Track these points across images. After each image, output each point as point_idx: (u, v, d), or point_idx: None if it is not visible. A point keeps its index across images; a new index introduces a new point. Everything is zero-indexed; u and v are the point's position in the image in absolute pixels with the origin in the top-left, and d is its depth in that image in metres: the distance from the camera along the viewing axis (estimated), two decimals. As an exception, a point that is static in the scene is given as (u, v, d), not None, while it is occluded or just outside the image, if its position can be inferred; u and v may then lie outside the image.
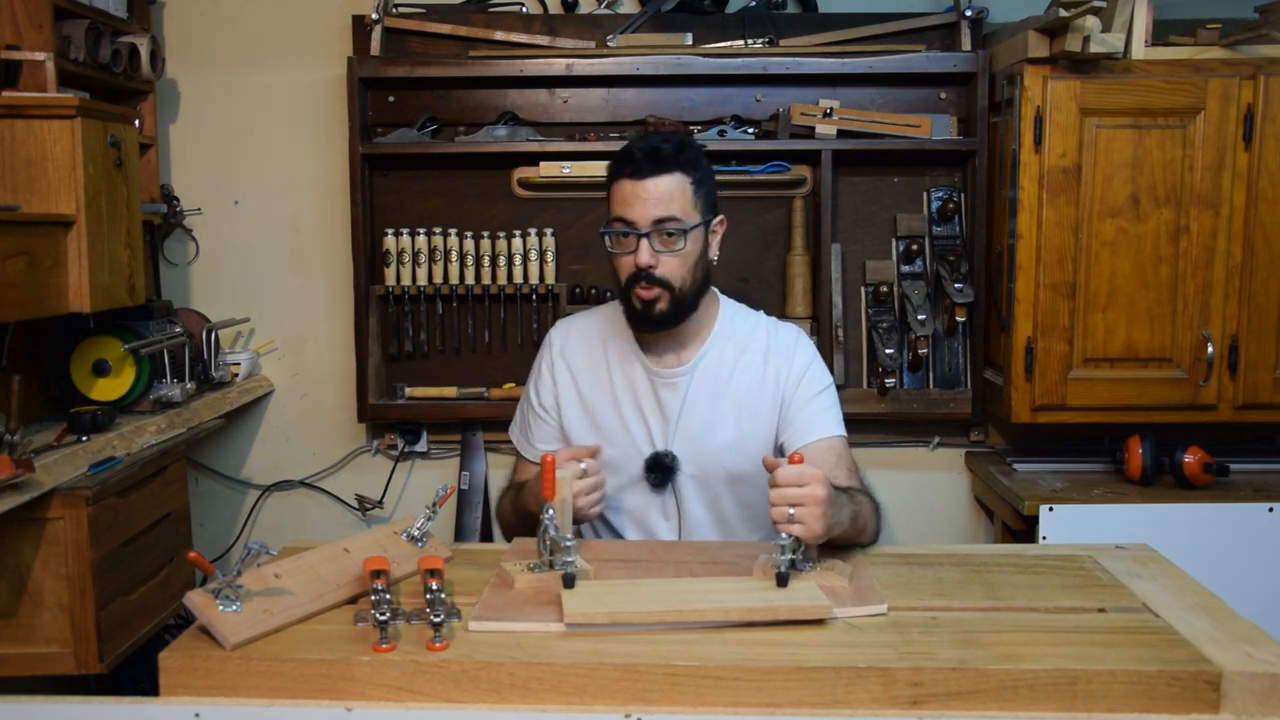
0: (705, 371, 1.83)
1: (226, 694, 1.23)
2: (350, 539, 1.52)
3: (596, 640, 1.27)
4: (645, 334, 1.82)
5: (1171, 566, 1.55)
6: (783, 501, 1.41)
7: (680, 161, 1.72)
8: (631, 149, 1.73)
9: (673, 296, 1.74)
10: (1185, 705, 1.18)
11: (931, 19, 2.73)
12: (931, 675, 1.18)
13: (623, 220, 1.73)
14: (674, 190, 1.71)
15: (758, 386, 1.83)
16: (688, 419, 1.81)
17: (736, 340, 1.85)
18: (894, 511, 2.90)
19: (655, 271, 1.72)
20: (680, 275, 1.74)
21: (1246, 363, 2.44)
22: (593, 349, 1.88)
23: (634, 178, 1.71)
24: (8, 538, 1.96)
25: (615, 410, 1.84)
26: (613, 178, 1.75)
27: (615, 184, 1.74)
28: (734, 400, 1.82)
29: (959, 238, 2.72)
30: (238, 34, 2.82)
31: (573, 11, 2.78)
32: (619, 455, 1.83)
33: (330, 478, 2.93)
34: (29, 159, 2.04)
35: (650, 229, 1.71)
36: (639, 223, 1.71)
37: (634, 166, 1.71)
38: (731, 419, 1.81)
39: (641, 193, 1.70)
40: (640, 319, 1.77)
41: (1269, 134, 2.38)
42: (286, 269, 2.88)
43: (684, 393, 1.82)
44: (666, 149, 1.72)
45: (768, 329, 1.88)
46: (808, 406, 1.82)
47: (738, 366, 1.83)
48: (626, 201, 1.72)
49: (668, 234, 1.71)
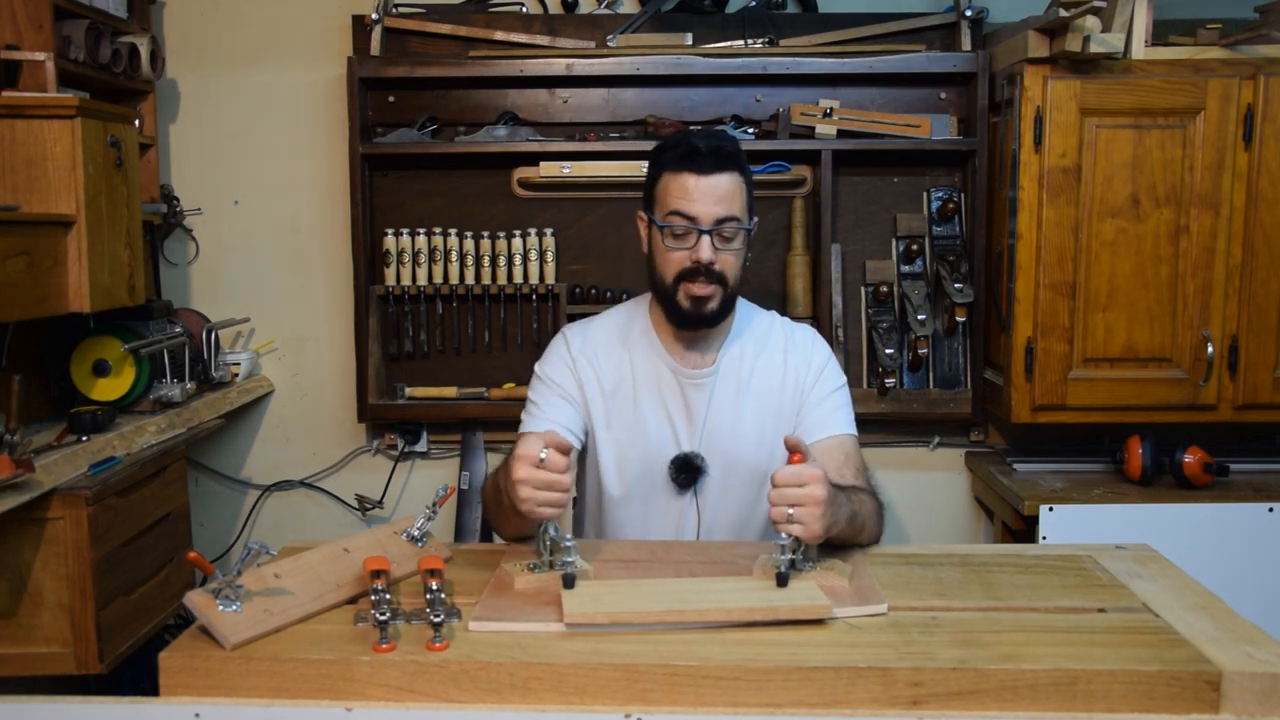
0: (728, 371, 1.82)
1: (226, 694, 1.23)
2: (350, 539, 1.51)
3: (596, 640, 1.27)
4: (687, 331, 1.79)
5: (1171, 566, 1.55)
6: (782, 502, 1.41)
7: (739, 162, 1.73)
8: (693, 144, 1.70)
9: (724, 294, 1.73)
10: (1185, 705, 1.18)
11: (931, 19, 2.73)
12: (931, 675, 1.18)
13: (683, 215, 1.70)
14: (734, 190, 1.71)
15: (779, 384, 1.82)
16: (714, 419, 1.80)
17: (755, 339, 1.85)
18: (894, 511, 2.90)
19: (715, 266, 1.70)
20: (734, 274, 1.74)
21: (1246, 363, 2.44)
22: (614, 350, 1.84)
23: (699, 173, 1.69)
24: (8, 538, 1.96)
25: (639, 412, 1.81)
26: (669, 169, 1.72)
27: (674, 177, 1.71)
28: (756, 399, 1.81)
29: (959, 238, 2.72)
30: (238, 34, 2.82)
31: (573, 11, 2.78)
32: (643, 456, 1.80)
33: (330, 478, 2.93)
34: (29, 159, 2.04)
35: (713, 226, 1.69)
36: (701, 219, 1.69)
37: (699, 162, 1.69)
38: (754, 418, 1.81)
39: (707, 189, 1.69)
40: (688, 316, 1.75)
41: (1269, 134, 2.38)
42: (286, 269, 2.88)
43: (710, 393, 1.80)
44: (729, 148, 1.71)
45: (784, 328, 1.88)
46: (822, 404, 1.81)
47: (758, 365, 1.83)
48: (690, 196, 1.69)
49: (725, 235, 1.71)
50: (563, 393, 1.82)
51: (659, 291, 1.78)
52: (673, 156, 1.72)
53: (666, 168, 1.73)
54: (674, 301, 1.74)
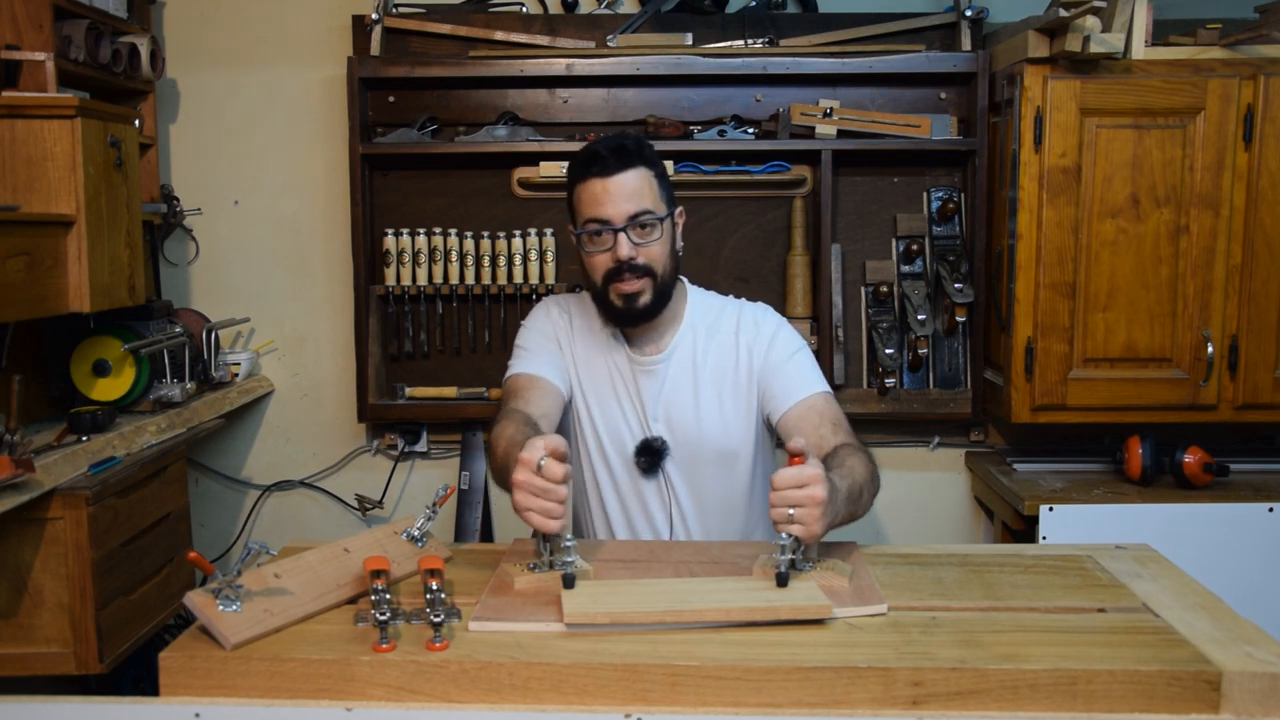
0: (681, 357, 1.86)
1: (226, 694, 1.23)
2: (350, 539, 1.51)
3: (596, 640, 1.27)
4: (627, 328, 1.85)
5: (1171, 566, 1.55)
6: (783, 503, 1.41)
7: (643, 156, 1.77)
8: (594, 149, 1.76)
9: (655, 285, 1.78)
10: (1185, 705, 1.18)
11: (931, 19, 2.73)
12: (931, 675, 1.18)
13: (596, 220, 1.75)
14: (642, 184, 1.76)
15: (732, 364, 1.86)
16: (668, 404, 1.84)
17: (707, 323, 1.89)
18: (894, 511, 2.90)
19: (638, 260, 1.75)
20: (661, 264, 1.78)
21: (1246, 363, 2.44)
22: (592, 329, 1.90)
23: (603, 175, 1.74)
24: (8, 538, 1.96)
25: (606, 394, 1.87)
26: (578, 179, 1.78)
27: (583, 184, 1.76)
28: (712, 381, 1.85)
29: (959, 238, 2.72)
30: (238, 34, 2.82)
31: (573, 11, 2.78)
32: (610, 440, 1.86)
33: (330, 478, 2.93)
34: (29, 159, 2.04)
35: (626, 223, 1.74)
36: (614, 219, 1.74)
37: (601, 165, 1.74)
38: (713, 400, 1.84)
39: (613, 189, 1.74)
40: (622, 315, 1.80)
41: (1269, 134, 2.38)
42: (286, 269, 2.88)
43: (662, 379, 1.85)
44: (629, 144, 1.76)
45: (736, 309, 1.91)
46: (783, 370, 1.83)
47: (710, 348, 1.86)
48: (598, 200, 1.74)
49: (642, 226, 1.75)
50: (553, 341, 1.89)
51: (595, 296, 1.83)
52: (577, 165, 1.79)
53: (576, 178, 1.79)
54: (607, 303, 1.80)
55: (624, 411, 1.86)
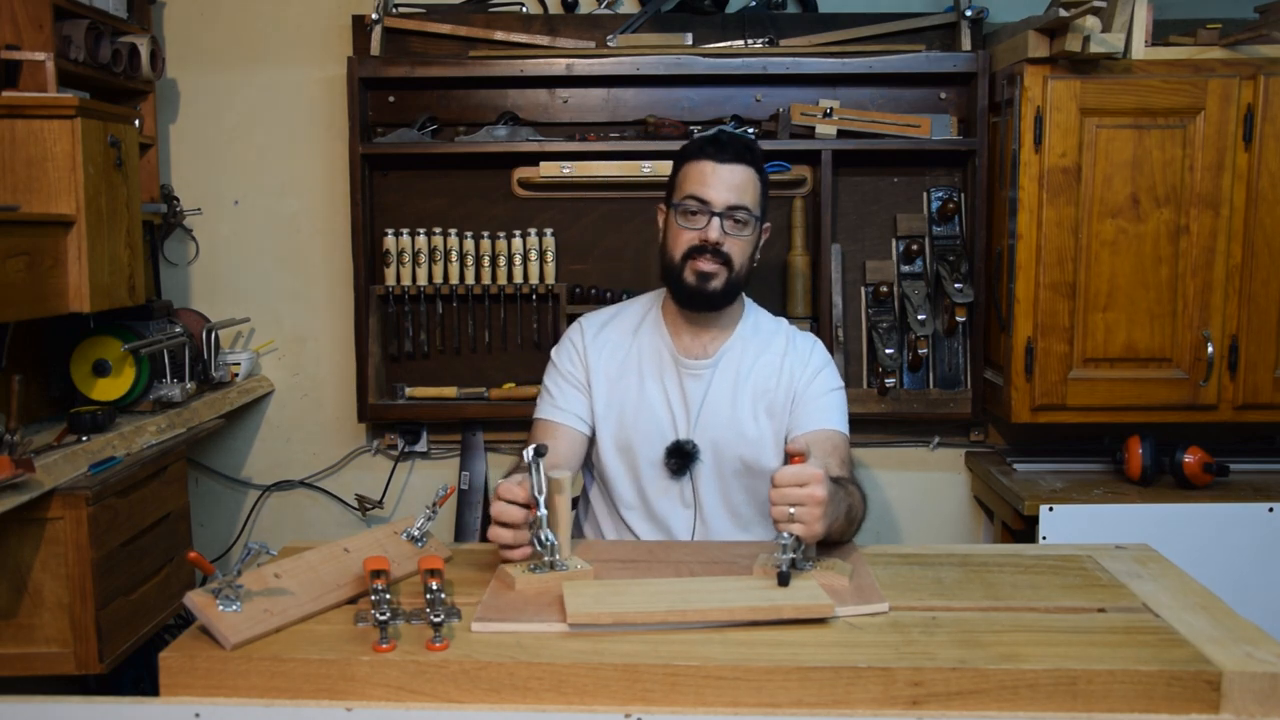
0: (728, 365, 1.88)
1: (226, 694, 1.23)
2: (350, 539, 1.52)
3: (597, 640, 1.27)
4: (691, 311, 1.87)
5: (1171, 566, 1.55)
6: (783, 501, 1.42)
7: (755, 159, 1.85)
8: (717, 135, 1.85)
9: (729, 276, 1.82)
10: (1185, 705, 1.18)
11: (931, 19, 2.73)
12: (931, 675, 1.18)
13: (697, 198, 1.80)
14: (748, 182, 1.82)
15: (774, 383, 1.88)
16: (709, 410, 1.86)
17: (759, 339, 1.92)
18: (894, 511, 2.90)
19: (723, 247, 1.80)
20: (740, 260, 1.83)
21: (1246, 363, 2.44)
22: (624, 339, 1.93)
23: (717, 160, 1.80)
24: (8, 538, 1.96)
25: (643, 397, 1.88)
26: (691, 156, 1.84)
27: (693, 163, 1.82)
28: (752, 395, 1.87)
29: (959, 238, 2.72)
30: (238, 34, 2.82)
31: (573, 11, 2.78)
32: (641, 441, 1.87)
33: (330, 478, 2.93)
34: (29, 159, 2.04)
35: (723, 211, 1.79)
36: (714, 203, 1.80)
37: (718, 150, 1.81)
38: (750, 414, 1.86)
39: (724, 175, 1.80)
40: (692, 294, 1.83)
41: (1269, 134, 2.38)
42: (286, 269, 2.88)
43: (707, 384, 1.87)
44: (749, 144, 1.85)
45: (788, 334, 1.96)
46: (816, 401, 1.87)
47: (757, 363, 1.89)
48: (706, 181, 1.80)
49: (736, 220, 1.81)
50: (574, 381, 1.91)
51: (667, 271, 1.86)
52: (695, 146, 1.85)
53: (689, 157, 1.85)
54: (680, 279, 1.83)
55: (661, 411, 1.87)
